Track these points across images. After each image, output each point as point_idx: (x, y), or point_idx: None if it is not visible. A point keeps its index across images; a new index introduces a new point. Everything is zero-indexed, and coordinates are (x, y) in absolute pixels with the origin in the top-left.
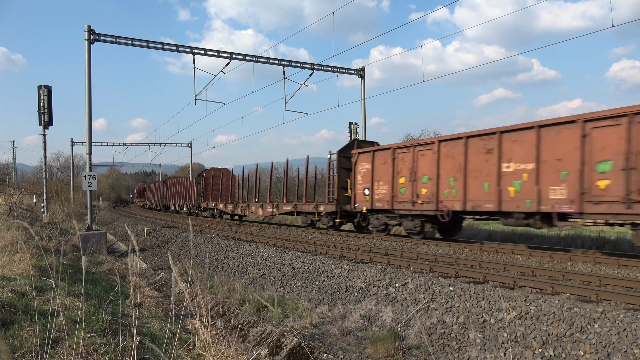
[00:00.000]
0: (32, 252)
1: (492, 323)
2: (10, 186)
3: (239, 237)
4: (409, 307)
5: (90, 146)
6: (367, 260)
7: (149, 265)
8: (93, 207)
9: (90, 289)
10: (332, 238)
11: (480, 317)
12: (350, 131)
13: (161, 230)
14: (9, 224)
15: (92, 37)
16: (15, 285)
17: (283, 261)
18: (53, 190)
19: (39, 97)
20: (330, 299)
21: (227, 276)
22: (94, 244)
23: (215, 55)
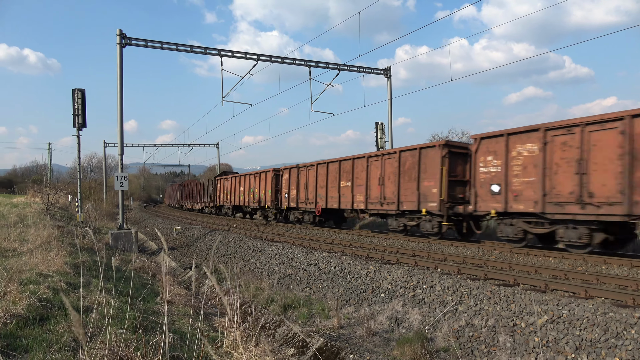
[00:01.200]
0: (67, 249)
1: (523, 327)
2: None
3: (266, 237)
4: (436, 310)
5: (122, 147)
6: (394, 261)
7: (178, 264)
8: (124, 206)
9: (122, 286)
10: (358, 239)
11: (510, 321)
12: (377, 131)
13: (190, 230)
14: (46, 222)
15: (123, 41)
16: (51, 282)
17: (309, 261)
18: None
19: (73, 100)
20: (356, 300)
21: (254, 275)
22: (125, 243)
23: (242, 57)
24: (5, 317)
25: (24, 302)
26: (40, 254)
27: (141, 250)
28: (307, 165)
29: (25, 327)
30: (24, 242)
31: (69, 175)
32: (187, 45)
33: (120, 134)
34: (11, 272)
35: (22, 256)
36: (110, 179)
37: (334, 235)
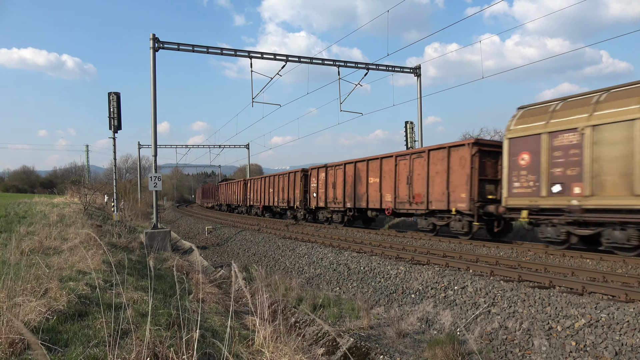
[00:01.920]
0: (104, 248)
1: (559, 330)
2: (85, 187)
3: (295, 236)
4: (468, 311)
5: (155, 149)
6: (425, 261)
7: (210, 263)
8: (158, 206)
9: (156, 284)
10: (388, 239)
11: (545, 324)
12: (406, 130)
13: (221, 229)
14: (84, 221)
15: (156, 45)
16: (90, 279)
17: (339, 261)
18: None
19: (109, 103)
20: (386, 300)
21: (284, 275)
22: (159, 242)
23: (271, 58)
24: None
25: (64, 299)
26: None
27: (174, 249)
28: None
29: (65, 322)
30: (64, 240)
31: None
32: (217, 47)
33: (153, 136)
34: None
35: (62, 254)
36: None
37: (363, 236)
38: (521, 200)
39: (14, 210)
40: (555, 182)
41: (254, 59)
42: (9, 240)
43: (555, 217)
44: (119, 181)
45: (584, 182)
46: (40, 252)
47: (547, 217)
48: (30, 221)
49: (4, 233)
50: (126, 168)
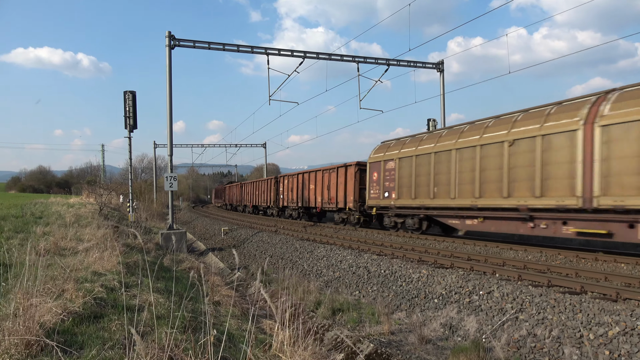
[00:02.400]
0: (120, 249)
1: (591, 339)
2: (100, 187)
3: (313, 238)
4: (494, 317)
5: (171, 148)
6: (448, 265)
7: (226, 265)
8: (174, 207)
9: (172, 286)
10: (410, 241)
11: (576, 332)
12: (429, 128)
13: (237, 230)
14: (100, 222)
15: (172, 42)
16: (105, 281)
17: (358, 264)
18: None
19: (125, 102)
20: (408, 305)
21: (302, 278)
22: (175, 243)
23: (289, 55)
24: (64, 314)
25: (79, 300)
26: (95, 254)
27: (190, 250)
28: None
29: (81, 324)
30: (79, 241)
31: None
32: (233, 44)
33: (169, 135)
34: (69, 271)
35: (78, 255)
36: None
37: (384, 237)
38: (373, 201)
39: (30, 210)
40: (385, 190)
41: (271, 55)
42: (26, 240)
43: (387, 212)
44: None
45: (396, 191)
46: (56, 252)
47: (384, 212)
48: (46, 222)
49: (20, 233)
50: (142, 168)
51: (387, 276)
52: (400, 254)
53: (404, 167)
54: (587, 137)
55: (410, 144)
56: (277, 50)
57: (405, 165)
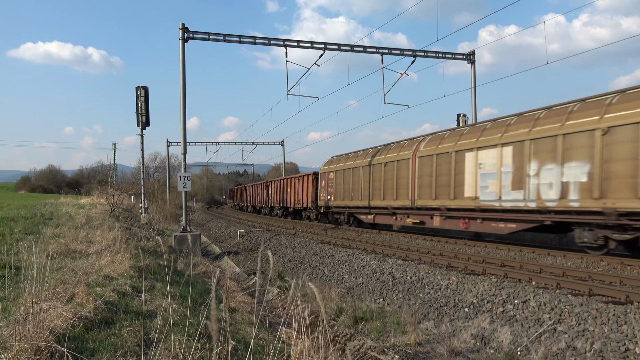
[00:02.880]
0: (132, 252)
1: (637, 353)
2: (112, 187)
3: (334, 242)
4: (530, 329)
5: (185, 146)
6: (480, 271)
7: (242, 269)
8: (187, 208)
9: (185, 291)
10: (438, 245)
11: (621, 345)
12: (459, 124)
13: (254, 233)
14: (111, 224)
15: (185, 35)
16: (117, 285)
17: (382, 269)
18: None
19: (137, 98)
20: (436, 314)
21: (322, 284)
22: (188, 246)
23: (308, 47)
24: (74, 319)
25: (90, 305)
26: (106, 257)
27: (204, 254)
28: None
29: (92, 330)
30: (90, 243)
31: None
32: (249, 36)
33: (183, 132)
34: (79, 274)
35: (89, 258)
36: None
37: (410, 241)
38: (322, 202)
39: (40, 211)
40: (328, 194)
41: (290, 47)
42: (35, 242)
43: (330, 210)
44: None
45: (334, 195)
46: (67, 255)
47: (328, 210)
48: (56, 223)
49: (30, 235)
50: (154, 167)
51: (414, 283)
52: (428, 259)
53: (339, 178)
54: (412, 164)
55: (343, 160)
56: (295, 42)
57: (339, 176)
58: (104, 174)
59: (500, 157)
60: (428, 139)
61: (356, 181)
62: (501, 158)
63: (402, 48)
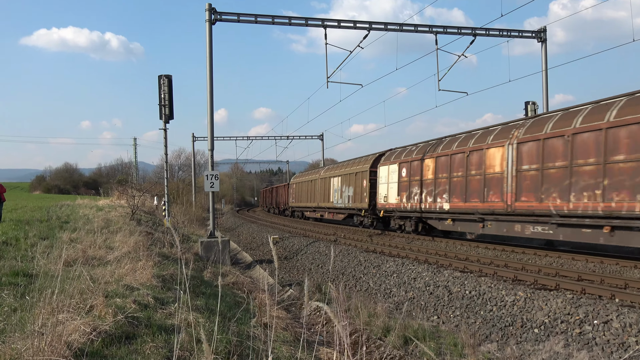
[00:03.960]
0: (154, 260)
1: None
2: (132, 187)
3: (381, 250)
4: (613, 354)
5: (212, 141)
6: (552, 286)
7: (276, 280)
8: (215, 210)
9: (213, 304)
10: (503, 255)
11: None
12: (527, 113)
13: (289, 239)
14: (132, 228)
15: (213, 16)
16: (138, 296)
17: (437, 282)
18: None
19: (160, 88)
20: (500, 335)
21: (367, 298)
22: (216, 253)
23: (351, 27)
24: (93, 333)
25: (110, 318)
26: (127, 264)
27: (234, 262)
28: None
29: (112, 345)
30: (109, 250)
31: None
32: (284, 16)
33: (210, 126)
34: (98, 284)
35: (108, 266)
36: (200, 179)
37: (469, 250)
38: (291, 204)
39: (55, 214)
40: (292, 198)
41: (329, 28)
42: (51, 248)
43: (293, 209)
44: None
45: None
46: (84, 262)
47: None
48: (73, 227)
49: (45, 240)
50: (179, 165)
51: (473, 298)
52: (490, 271)
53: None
54: None
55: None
56: (336, 21)
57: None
58: (124, 172)
59: None
60: None
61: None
62: None
63: (460, 26)
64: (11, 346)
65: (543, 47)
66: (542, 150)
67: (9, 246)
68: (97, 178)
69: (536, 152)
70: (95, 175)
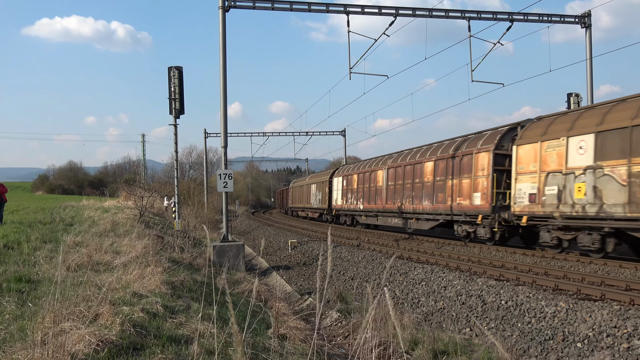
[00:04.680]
0: (164, 265)
1: None
2: (141, 187)
3: (408, 255)
4: None
5: (225, 138)
6: (597, 296)
7: (294, 288)
8: (229, 212)
9: (225, 313)
10: (542, 262)
11: None
12: (569, 105)
13: (308, 244)
14: (140, 231)
15: (226, 3)
16: (147, 304)
17: (469, 291)
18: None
19: (170, 81)
20: (539, 350)
21: (393, 307)
22: (230, 259)
23: (375, 13)
24: (98, 343)
25: (116, 327)
26: (135, 270)
27: (249, 268)
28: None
29: (118, 356)
30: (116, 254)
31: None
32: (303, 2)
33: (223, 121)
34: (104, 291)
35: (115, 271)
36: (212, 178)
37: (505, 256)
38: (290, 205)
39: (59, 215)
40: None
41: (352, 14)
42: (55, 252)
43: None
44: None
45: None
46: (90, 267)
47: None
48: (77, 230)
49: (48, 244)
50: (189, 163)
51: (510, 309)
52: (529, 280)
53: (294, 190)
54: None
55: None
56: (359, 7)
57: (294, 190)
58: (132, 171)
59: None
60: None
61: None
62: None
63: (495, 11)
64: (12, 357)
65: (587, 33)
66: (395, 174)
67: (11, 250)
68: (103, 177)
69: (394, 175)
70: (101, 175)
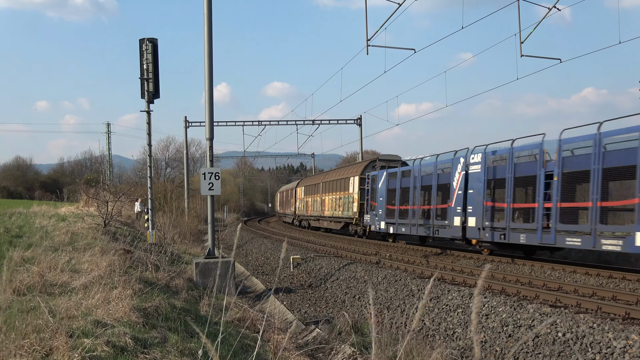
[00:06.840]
0: (134, 287)
1: None
2: (105, 189)
3: (441, 275)
4: None
5: (211, 128)
6: None
7: (297, 316)
8: (216, 221)
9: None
10: (610, 283)
11: None
12: None
13: (315, 260)
14: (104, 245)
15: None
16: (112, 336)
17: (517, 321)
18: (160, 194)
19: (141, 57)
20: None
21: (421, 341)
22: (217, 279)
23: None
24: None
25: None
26: (98, 293)
27: (241, 291)
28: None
29: None
30: (75, 273)
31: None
32: None
33: (209, 104)
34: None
35: (73, 294)
36: (195, 178)
37: (564, 276)
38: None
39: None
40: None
41: None
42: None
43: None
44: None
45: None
46: (42, 290)
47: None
48: (27, 242)
49: None
50: (166, 159)
51: (568, 342)
52: (593, 306)
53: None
54: None
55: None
56: None
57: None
58: (94, 170)
59: None
60: None
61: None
62: None
63: None
64: None
65: None
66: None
67: None
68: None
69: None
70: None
